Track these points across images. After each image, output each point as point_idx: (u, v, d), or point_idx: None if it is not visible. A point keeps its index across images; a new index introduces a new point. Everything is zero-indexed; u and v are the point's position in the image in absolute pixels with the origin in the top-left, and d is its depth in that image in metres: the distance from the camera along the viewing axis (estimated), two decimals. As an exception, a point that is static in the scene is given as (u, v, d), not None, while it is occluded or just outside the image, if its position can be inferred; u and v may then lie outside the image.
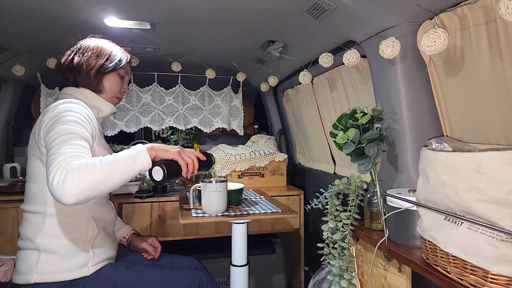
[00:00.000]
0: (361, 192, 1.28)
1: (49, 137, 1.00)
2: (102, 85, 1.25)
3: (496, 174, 0.72)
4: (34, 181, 1.12)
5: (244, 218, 1.37)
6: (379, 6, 1.12)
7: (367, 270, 1.25)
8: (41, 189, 1.10)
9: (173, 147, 1.10)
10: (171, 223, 1.90)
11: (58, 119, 1.03)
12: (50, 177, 0.87)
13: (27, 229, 1.11)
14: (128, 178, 0.97)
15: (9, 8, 1.38)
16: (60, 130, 0.99)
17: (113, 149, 2.31)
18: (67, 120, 1.03)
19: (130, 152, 0.99)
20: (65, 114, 1.05)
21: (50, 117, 1.05)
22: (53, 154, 0.92)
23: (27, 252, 1.09)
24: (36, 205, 1.11)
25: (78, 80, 1.22)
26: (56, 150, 0.93)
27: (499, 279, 0.73)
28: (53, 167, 0.88)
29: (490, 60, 0.97)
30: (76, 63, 1.22)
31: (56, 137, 0.97)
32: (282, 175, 2.25)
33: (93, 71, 1.22)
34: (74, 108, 1.09)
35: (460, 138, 1.14)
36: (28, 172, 1.14)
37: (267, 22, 1.53)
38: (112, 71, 1.26)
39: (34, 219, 1.10)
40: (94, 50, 1.24)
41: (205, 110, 2.52)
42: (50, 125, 1.03)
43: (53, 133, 0.99)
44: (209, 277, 1.37)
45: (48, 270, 1.07)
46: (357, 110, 1.18)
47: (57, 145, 0.95)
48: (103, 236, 1.19)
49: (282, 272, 2.15)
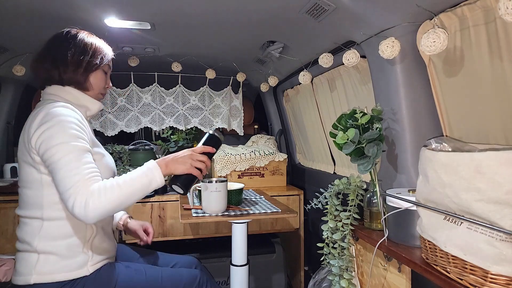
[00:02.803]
0: (361, 192, 1.28)
1: (51, 155, 0.99)
2: (89, 82, 1.18)
3: (496, 174, 0.72)
4: (28, 187, 1.08)
5: (244, 218, 1.37)
6: (378, 6, 1.12)
7: (367, 270, 1.25)
8: (37, 195, 1.07)
9: (184, 154, 1.13)
10: (171, 223, 1.90)
11: (56, 133, 1.00)
12: (70, 202, 0.95)
13: (24, 233, 1.09)
14: (143, 196, 1.06)
15: (10, 8, 1.38)
16: (63, 148, 0.99)
17: (113, 149, 2.33)
18: (66, 134, 1.01)
19: (145, 171, 1.05)
20: (62, 126, 1.02)
21: (44, 129, 1.01)
22: (66, 178, 0.97)
23: (25, 254, 1.08)
24: (33, 210, 1.08)
25: (64, 77, 1.14)
26: (67, 172, 0.97)
27: (499, 279, 0.73)
28: (71, 192, 0.95)
29: (489, 60, 0.97)
30: (61, 60, 1.13)
31: (61, 157, 0.98)
32: (282, 175, 2.25)
33: (81, 69, 1.15)
34: (68, 116, 1.05)
35: (460, 138, 1.14)
36: (21, 177, 1.10)
37: (267, 23, 1.53)
38: (98, 67, 1.19)
39: (31, 223, 1.08)
40: (80, 46, 1.16)
41: (205, 110, 2.52)
42: (46, 138, 1.00)
43: (55, 150, 0.98)
44: (209, 276, 1.37)
45: (47, 271, 1.06)
46: (357, 110, 1.19)
47: (65, 166, 0.98)
48: (101, 235, 1.18)
49: (282, 272, 2.15)
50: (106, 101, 2.34)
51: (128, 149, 2.38)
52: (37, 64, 1.17)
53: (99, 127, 2.35)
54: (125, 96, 2.37)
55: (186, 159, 1.12)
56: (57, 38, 1.19)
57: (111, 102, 2.35)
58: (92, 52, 1.18)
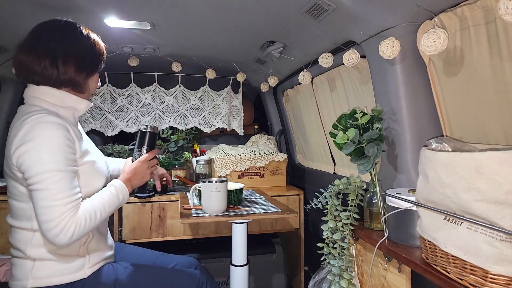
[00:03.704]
0: (361, 192, 1.28)
1: (35, 182, 0.95)
2: (87, 85, 1.13)
3: (496, 174, 0.72)
4: (17, 199, 1.05)
5: (244, 218, 1.37)
6: (378, 6, 1.12)
7: (367, 270, 1.25)
8: (25, 208, 1.03)
9: (140, 167, 1.25)
10: (171, 223, 1.90)
11: (40, 157, 0.94)
12: (54, 232, 0.94)
13: (17, 241, 1.06)
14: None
15: (10, 8, 1.38)
16: (48, 177, 0.95)
17: (113, 149, 2.33)
18: (52, 159, 0.95)
19: (115, 194, 1.13)
20: (48, 150, 0.96)
21: (26, 149, 0.95)
22: (49, 207, 0.94)
23: (20, 260, 1.06)
24: (23, 221, 1.04)
25: (62, 78, 1.06)
26: (51, 202, 0.95)
27: (499, 279, 0.73)
28: (57, 222, 0.94)
29: (489, 60, 0.97)
30: (63, 57, 1.04)
31: (46, 187, 0.94)
32: (282, 175, 2.25)
33: (85, 70, 1.09)
34: (54, 136, 0.97)
35: (460, 138, 1.14)
36: (9, 189, 1.06)
37: (267, 23, 1.53)
38: (100, 69, 1.15)
39: (22, 232, 1.05)
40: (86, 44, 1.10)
41: (205, 110, 2.52)
42: (30, 162, 0.94)
43: (39, 179, 0.94)
44: (209, 277, 1.37)
45: (44, 275, 1.04)
46: (357, 110, 1.19)
47: (50, 197, 0.95)
48: (97, 238, 1.16)
49: (282, 272, 2.15)
50: (106, 101, 2.34)
51: (128, 149, 2.38)
52: (29, 58, 1.03)
53: (99, 127, 2.35)
54: (125, 96, 2.37)
55: (145, 170, 1.27)
56: (56, 30, 1.07)
57: (111, 102, 2.35)
58: (98, 52, 1.13)
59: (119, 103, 2.37)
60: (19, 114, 1.06)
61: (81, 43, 1.09)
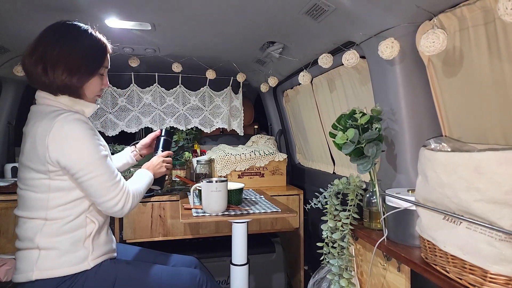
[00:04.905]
0: (360, 191, 1.29)
1: (86, 173, 1.06)
2: (82, 90, 1.13)
3: (495, 174, 0.72)
4: (34, 191, 1.08)
5: (244, 217, 1.37)
6: (378, 7, 1.13)
7: (367, 270, 1.25)
8: (42, 198, 1.07)
9: (158, 162, 1.40)
10: (171, 222, 1.91)
11: (82, 152, 1.05)
12: (113, 202, 1.10)
13: (25, 230, 1.09)
14: None
15: (11, 9, 1.39)
16: (96, 166, 1.07)
17: (114, 149, 2.33)
18: (93, 151, 1.07)
19: (147, 174, 1.34)
20: (86, 143, 1.06)
21: (68, 148, 1.03)
22: (105, 189, 1.09)
23: (26, 252, 1.08)
24: (36, 212, 1.08)
25: (57, 84, 1.08)
26: (106, 183, 1.09)
27: (498, 278, 0.73)
28: (115, 194, 1.10)
29: (489, 61, 0.97)
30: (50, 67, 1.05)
31: (97, 174, 1.07)
32: (282, 175, 2.25)
33: (76, 78, 1.09)
34: (86, 130, 1.06)
35: (459, 138, 1.15)
36: (26, 182, 1.09)
37: (267, 23, 1.53)
38: (95, 73, 1.14)
39: (33, 222, 1.08)
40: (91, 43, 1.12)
41: (206, 111, 2.52)
42: (75, 159, 1.04)
43: (89, 170, 1.06)
44: (209, 276, 1.38)
45: (48, 266, 1.06)
46: (356, 111, 1.19)
47: (104, 183, 1.09)
48: (102, 231, 1.19)
49: (282, 271, 2.15)
50: (107, 101, 2.34)
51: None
52: (29, 61, 1.07)
53: (100, 127, 2.35)
54: (125, 97, 2.38)
55: (160, 163, 1.41)
56: (54, 34, 1.09)
57: (111, 102, 2.36)
58: (96, 55, 1.14)
59: (119, 104, 2.37)
60: (37, 114, 1.09)
61: (74, 48, 1.08)
